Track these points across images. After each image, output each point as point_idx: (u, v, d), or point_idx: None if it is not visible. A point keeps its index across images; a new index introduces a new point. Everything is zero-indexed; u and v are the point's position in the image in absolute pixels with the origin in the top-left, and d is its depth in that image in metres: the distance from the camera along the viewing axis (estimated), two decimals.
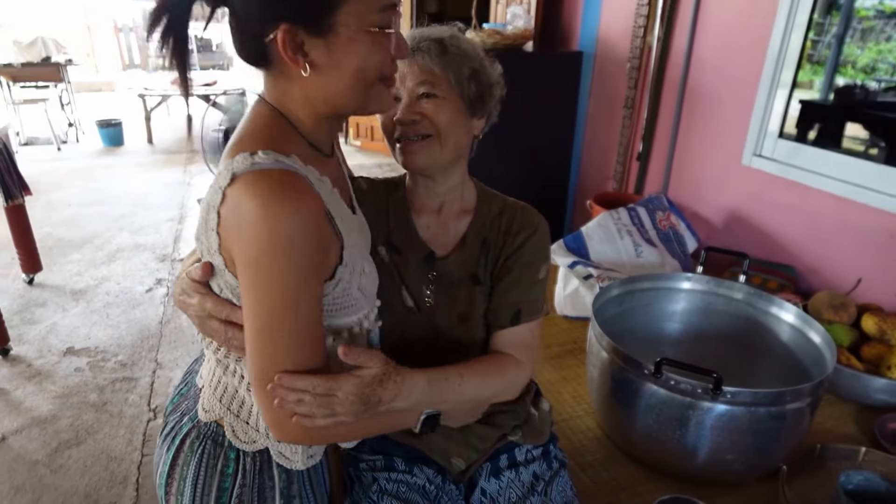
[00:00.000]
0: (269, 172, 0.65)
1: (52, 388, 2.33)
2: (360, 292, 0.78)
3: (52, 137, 6.02)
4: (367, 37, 0.69)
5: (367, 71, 0.70)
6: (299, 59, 0.67)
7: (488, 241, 0.97)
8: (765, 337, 1.40)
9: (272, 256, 0.64)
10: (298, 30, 0.66)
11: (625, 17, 2.54)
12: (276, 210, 0.63)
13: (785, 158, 1.92)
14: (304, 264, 0.66)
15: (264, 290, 0.66)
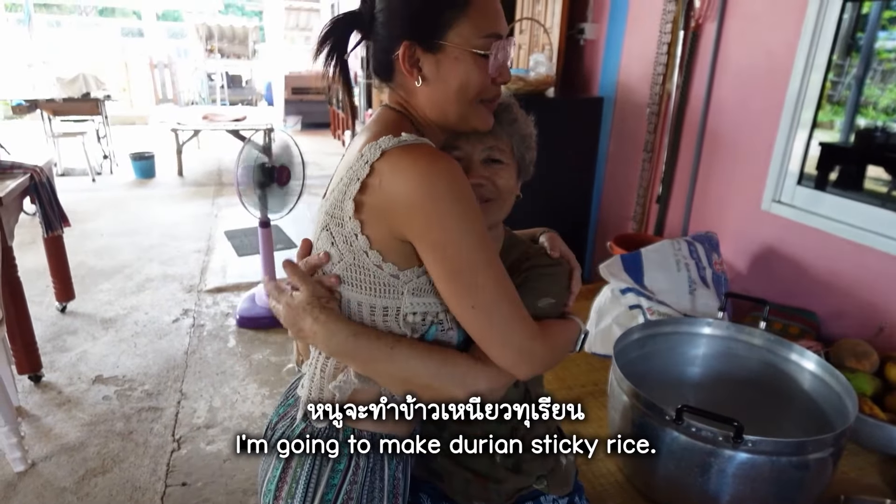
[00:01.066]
0: (419, 145, 0.75)
1: (81, 415, 2.38)
2: None
3: (88, 169, 6.24)
4: (469, 57, 0.80)
5: (468, 88, 0.81)
6: (414, 71, 0.81)
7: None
8: (786, 384, 1.40)
9: (457, 205, 0.73)
10: (416, 46, 0.80)
11: (644, 64, 2.61)
12: (443, 169, 0.73)
13: (804, 205, 1.94)
14: (475, 206, 0.75)
15: (461, 245, 0.73)
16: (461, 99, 0.82)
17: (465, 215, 0.73)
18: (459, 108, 0.83)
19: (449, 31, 0.79)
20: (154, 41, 12.23)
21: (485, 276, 0.75)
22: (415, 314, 0.80)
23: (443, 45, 0.80)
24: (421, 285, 0.80)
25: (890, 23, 1.88)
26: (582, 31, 2.99)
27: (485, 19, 0.80)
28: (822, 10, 1.83)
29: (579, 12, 3.01)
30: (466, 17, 0.79)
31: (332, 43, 0.85)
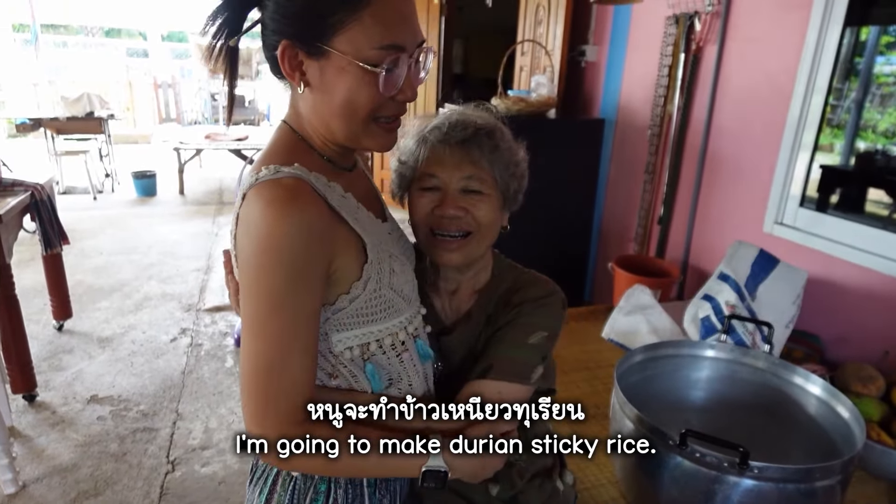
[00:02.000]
0: (271, 182, 0.69)
1: (75, 436, 2.35)
2: (393, 292, 0.79)
3: (90, 187, 6.26)
4: (356, 70, 0.69)
5: (354, 105, 0.71)
6: (296, 76, 0.72)
7: (493, 317, 0.93)
8: (791, 408, 1.38)
9: (262, 257, 0.67)
10: (297, 47, 0.70)
11: (645, 86, 2.62)
12: (272, 213, 0.67)
13: (807, 227, 1.94)
14: (294, 268, 0.67)
15: (253, 290, 0.69)
16: (348, 115, 0.72)
17: (266, 269, 0.67)
18: (347, 124, 0.73)
19: (336, 35, 0.68)
20: (158, 61, 12.36)
21: (252, 335, 0.69)
22: (351, 349, 0.78)
23: (327, 50, 0.69)
24: (341, 320, 0.76)
25: (888, 48, 1.89)
26: (583, 53, 3.01)
27: (383, 27, 0.68)
28: (822, 34, 1.84)
29: (580, 34, 3.04)
30: (359, 23, 0.68)
31: (224, 17, 0.73)
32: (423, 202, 0.89)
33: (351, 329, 0.77)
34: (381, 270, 0.77)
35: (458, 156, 0.86)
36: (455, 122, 0.87)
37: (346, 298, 0.75)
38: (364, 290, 0.76)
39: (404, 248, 0.89)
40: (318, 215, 0.69)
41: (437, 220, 0.88)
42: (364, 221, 0.78)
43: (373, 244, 0.77)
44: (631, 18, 2.72)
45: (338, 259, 0.73)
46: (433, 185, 0.88)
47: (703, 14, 2.26)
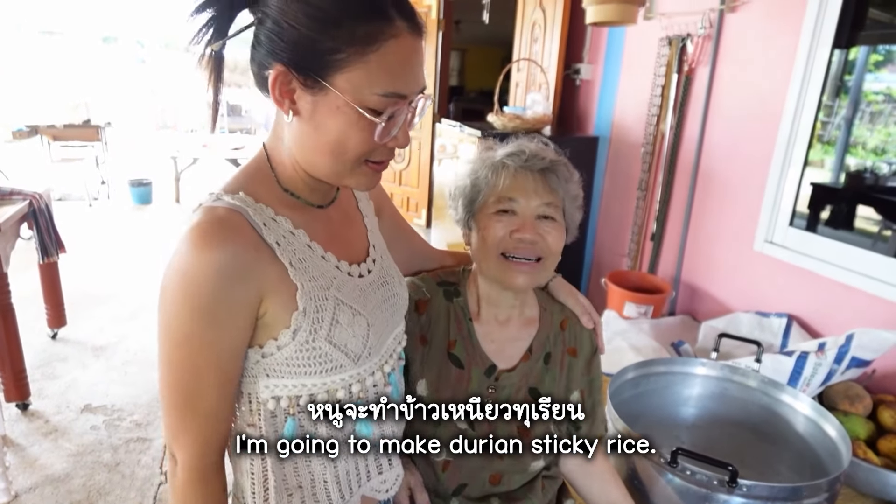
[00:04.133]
0: (204, 209, 0.67)
1: (68, 445, 2.34)
2: (332, 346, 0.72)
3: (85, 194, 6.26)
4: (352, 113, 0.65)
5: (343, 147, 0.67)
6: (285, 103, 0.67)
7: (553, 357, 0.99)
8: (780, 426, 1.40)
9: (173, 287, 0.65)
10: (292, 75, 0.65)
11: (639, 105, 2.67)
12: (191, 244, 0.64)
13: (796, 247, 1.97)
14: (202, 305, 0.64)
15: (162, 318, 0.67)
16: (335, 155, 0.68)
17: (175, 301, 0.65)
18: (332, 163, 0.69)
19: (338, 72, 0.63)
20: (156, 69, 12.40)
21: (161, 361, 0.68)
22: (277, 399, 0.73)
23: (324, 86, 0.64)
24: (271, 365, 0.72)
25: (876, 66, 1.94)
26: (578, 72, 3.06)
27: (388, 74, 0.64)
28: (811, 56, 1.89)
29: (576, 53, 3.09)
30: (365, 65, 0.63)
31: (213, 13, 0.67)
32: (499, 225, 0.90)
33: (280, 377, 0.72)
34: (317, 320, 0.71)
35: (538, 183, 0.90)
36: (533, 151, 0.91)
37: (275, 344, 0.71)
38: (293, 339, 0.70)
39: (376, 299, 0.81)
40: (241, 252, 0.66)
41: (514, 243, 0.90)
42: (310, 263, 0.73)
43: (308, 290, 0.71)
44: (625, 39, 2.77)
45: (267, 301, 0.69)
46: (511, 208, 0.90)
47: (696, 36, 2.31)
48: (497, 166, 0.92)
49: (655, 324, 2.23)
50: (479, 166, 0.95)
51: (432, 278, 1.03)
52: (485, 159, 0.95)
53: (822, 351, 1.54)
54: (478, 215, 0.94)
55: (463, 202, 0.96)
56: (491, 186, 0.92)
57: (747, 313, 2.06)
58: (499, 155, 0.94)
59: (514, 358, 0.98)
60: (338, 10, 0.63)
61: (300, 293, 0.70)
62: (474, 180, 0.95)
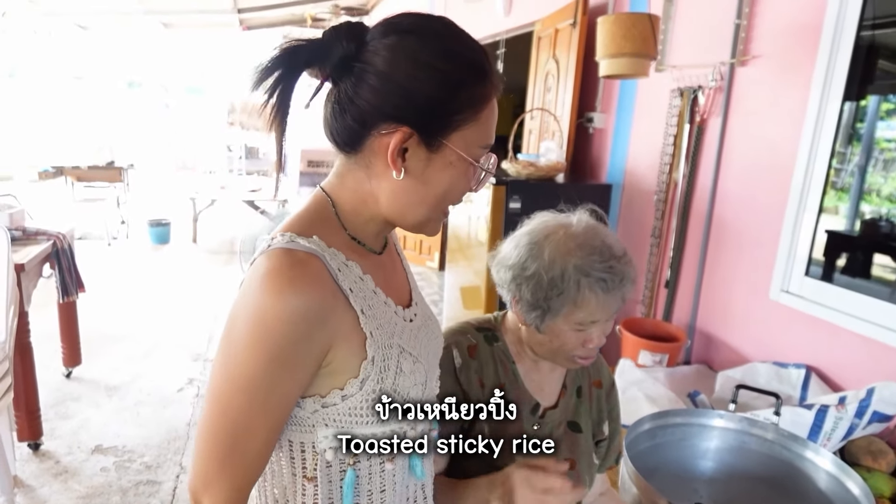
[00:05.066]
0: (280, 251, 0.66)
1: (78, 487, 2.33)
2: (396, 395, 0.73)
3: (105, 234, 6.38)
4: (463, 166, 0.71)
5: (448, 195, 0.73)
6: (398, 162, 0.68)
7: (583, 391, 1.06)
8: (800, 482, 1.37)
9: (247, 331, 0.64)
10: (414, 135, 0.68)
11: (651, 153, 2.71)
12: (271, 287, 0.63)
13: (812, 297, 1.96)
14: (278, 352, 0.64)
15: (230, 360, 0.66)
16: (437, 205, 0.73)
17: (248, 346, 0.64)
18: (429, 213, 0.73)
19: (455, 132, 0.69)
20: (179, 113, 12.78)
21: (216, 403, 0.67)
22: (336, 450, 0.71)
23: (444, 145, 0.69)
24: (332, 416, 0.71)
25: (888, 114, 1.96)
26: (591, 120, 3.12)
27: (486, 129, 0.72)
28: (822, 108, 1.92)
29: (588, 102, 3.16)
30: (476, 123, 0.70)
31: (279, 76, 0.68)
32: (575, 339, 0.95)
33: (341, 427, 0.71)
34: (384, 369, 0.71)
35: (617, 301, 0.95)
36: (621, 273, 0.93)
37: (339, 394, 0.70)
38: (360, 389, 0.70)
39: (424, 343, 0.81)
40: (320, 299, 0.66)
41: (585, 351, 0.96)
42: (377, 310, 0.73)
43: (377, 339, 0.71)
44: (637, 89, 2.83)
45: (336, 349, 0.69)
46: (590, 328, 0.95)
47: (707, 88, 2.36)
48: (584, 286, 0.92)
49: (671, 373, 2.20)
50: (557, 267, 0.93)
51: (470, 325, 1.07)
52: (565, 266, 0.93)
53: (843, 405, 1.52)
54: (550, 324, 0.96)
55: (545, 310, 0.95)
56: (576, 305, 0.93)
57: (764, 363, 2.03)
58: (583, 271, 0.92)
59: (553, 394, 1.04)
60: (462, 74, 0.68)
61: (370, 341, 0.70)
62: (552, 280, 0.93)
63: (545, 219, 1.00)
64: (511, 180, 2.71)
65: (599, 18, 2.27)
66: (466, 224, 3.13)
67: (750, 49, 2.17)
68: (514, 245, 0.99)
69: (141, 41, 9.29)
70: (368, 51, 0.67)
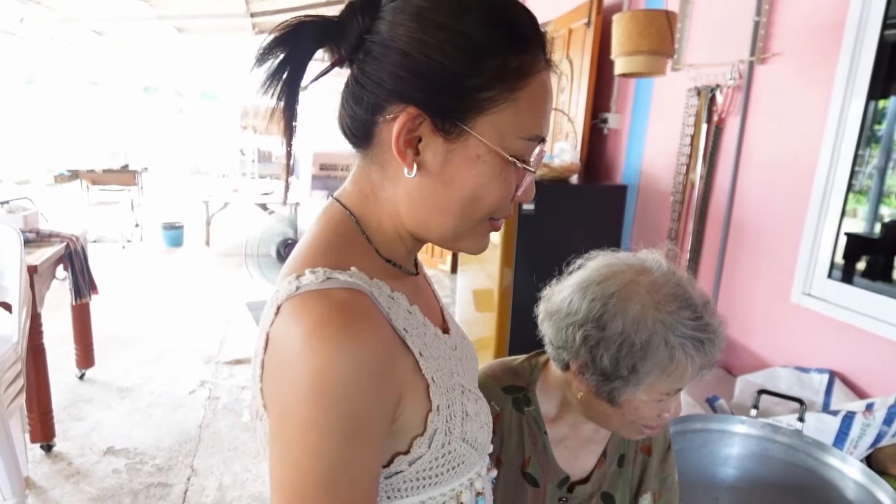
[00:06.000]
0: (317, 293, 0.51)
1: (89, 489, 2.33)
2: (466, 444, 0.59)
3: (119, 237, 6.43)
4: (495, 161, 0.54)
5: (479, 202, 0.55)
6: (408, 154, 0.54)
7: (626, 458, 0.92)
8: (825, 491, 1.32)
9: (307, 407, 0.48)
10: (424, 119, 0.53)
11: (667, 154, 2.67)
12: (322, 341, 0.48)
13: (835, 300, 1.91)
14: (353, 423, 0.49)
15: (295, 450, 0.49)
16: (464, 213, 0.56)
17: (314, 426, 0.48)
18: (457, 223, 0.57)
19: (481, 114, 0.53)
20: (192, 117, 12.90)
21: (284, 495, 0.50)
22: None
23: (465, 131, 0.53)
24: (396, 485, 0.56)
25: None
26: (605, 121, 3.09)
27: (535, 112, 0.55)
28: (845, 108, 1.87)
29: (603, 102, 3.13)
30: (514, 104, 0.53)
31: (285, 56, 0.54)
32: (655, 410, 0.79)
33: (406, 496, 0.57)
34: (451, 417, 0.58)
35: (712, 365, 0.79)
36: (715, 331, 0.77)
37: (406, 460, 0.56)
38: (429, 447, 0.56)
39: (471, 372, 0.69)
40: (381, 345, 0.51)
41: (659, 421, 0.81)
42: (432, 348, 0.59)
43: (439, 383, 0.57)
44: (653, 89, 2.79)
45: (403, 403, 0.54)
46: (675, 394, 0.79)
47: (725, 87, 2.32)
48: (678, 349, 0.74)
49: None
50: (648, 327, 0.75)
51: (495, 383, 0.88)
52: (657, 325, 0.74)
53: (871, 411, 1.47)
54: (630, 392, 0.78)
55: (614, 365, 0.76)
56: (665, 372, 0.75)
57: (786, 368, 1.98)
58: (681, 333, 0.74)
59: (588, 464, 0.90)
60: (489, 38, 0.52)
61: (433, 388, 0.56)
62: (644, 344, 0.74)
63: (609, 261, 0.81)
64: None
65: (615, 16, 2.24)
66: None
67: (770, 47, 2.12)
68: (577, 294, 0.79)
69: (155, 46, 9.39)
70: (377, 19, 0.54)
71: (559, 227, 2.59)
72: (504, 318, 2.81)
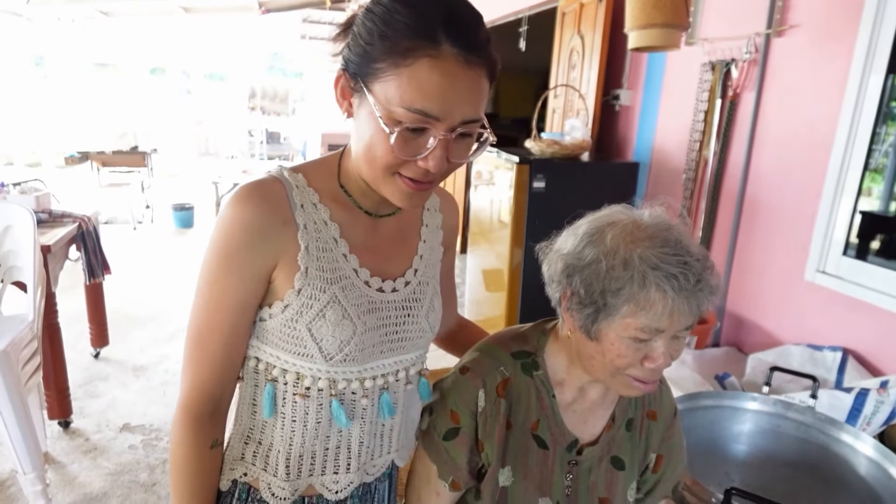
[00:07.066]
0: (262, 176, 0.77)
1: (106, 464, 2.37)
2: (309, 335, 0.76)
3: (130, 218, 6.46)
4: (375, 122, 0.67)
5: (372, 153, 0.69)
6: (344, 104, 0.73)
7: (634, 423, 0.93)
8: (838, 468, 1.32)
9: (211, 237, 0.75)
10: (345, 76, 0.71)
11: (680, 131, 2.63)
12: (231, 200, 0.73)
13: (851, 277, 1.89)
14: (227, 250, 0.73)
15: (203, 263, 0.76)
16: (368, 160, 0.71)
17: (210, 247, 0.75)
18: (368, 169, 0.72)
19: (375, 80, 0.66)
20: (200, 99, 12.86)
21: (193, 304, 0.77)
22: (257, 360, 0.81)
23: (363, 92, 0.68)
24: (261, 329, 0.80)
25: None
26: (617, 98, 3.04)
27: (417, 91, 0.64)
28: (864, 82, 1.83)
29: (615, 79, 3.08)
30: (397, 78, 0.65)
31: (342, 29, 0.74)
32: (633, 353, 0.78)
33: (264, 343, 0.80)
34: (304, 305, 0.76)
35: (689, 309, 0.75)
36: (699, 275, 0.74)
37: (268, 312, 0.78)
38: (282, 313, 0.76)
39: (385, 316, 0.81)
40: (267, 216, 0.73)
41: (643, 371, 0.79)
42: (327, 255, 0.77)
43: (310, 276, 0.76)
44: (666, 64, 2.74)
45: (278, 270, 0.76)
46: (652, 337, 0.77)
47: (740, 61, 2.27)
48: (651, 281, 0.74)
49: (699, 355, 2.15)
50: (620, 254, 0.76)
51: (503, 349, 0.91)
52: (630, 255, 0.75)
53: (885, 388, 1.46)
54: (605, 328, 0.78)
55: (587, 290, 0.78)
56: (638, 305, 0.74)
57: (798, 346, 1.97)
58: (651, 263, 0.74)
59: (597, 428, 0.91)
60: (388, 24, 0.66)
61: (299, 275, 0.75)
62: (611, 268, 0.76)
63: (613, 210, 0.84)
64: (535, 159, 2.65)
65: None
66: (488, 206, 3.09)
67: (787, 19, 2.08)
68: (570, 234, 0.84)
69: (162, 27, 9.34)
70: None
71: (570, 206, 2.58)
72: (514, 297, 2.81)
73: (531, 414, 0.88)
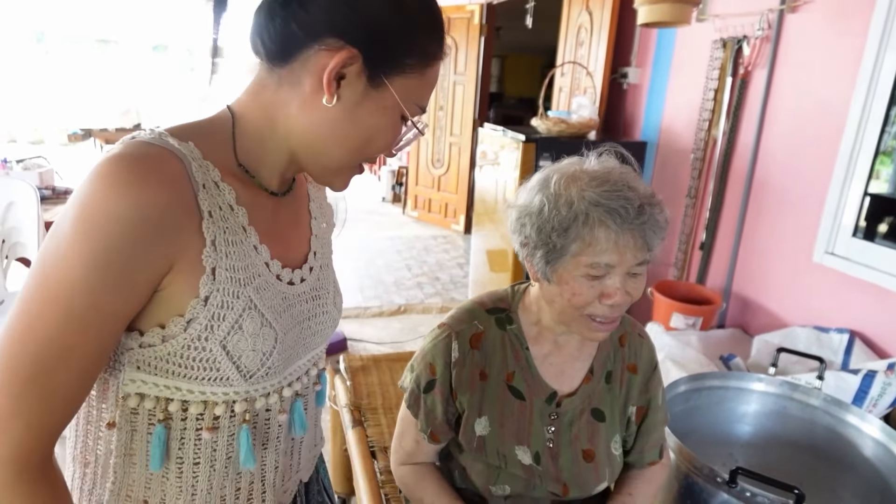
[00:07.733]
0: (140, 142, 0.55)
1: None
2: (225, 354, 0.59)
3: None
4: (395, 115, 0.63)
5: (370, 144, 0.64)
6: (332, 87, 0.59)
7: (613, 376, 0.95)
8: (845, 449, 1.32)
9: (68, 229, 0.51)
10: (358, 62, 0.59)
11: (689, 110, 2.59)
12: (108, 177, 0.51)
13: (860, 258, 1.87)
14: (104, 250, 0.51)
15: (41, 265, 0.52)
16: (357, 151, 0.64)
17: (72, 247, 0.51)
18: (346, 157, 0.64)
19: (400, 76, 0.61)
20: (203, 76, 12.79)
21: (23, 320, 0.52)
22: (143, 398, 0.60)
23: (384, 85, 0.61)
24: (146, 357, 0.58)
25: None
26: (625, 76, 3.00)
27: (427, 88, 0.66)
28: (879, 61, 1.79)
29: (623, 56, 3.03)
30: (421, 78, 0.63)
31: None
32: (589, 291, 0.81)
33: (152, 373, 0.59)
34: (218, 318, 0.58)
35: (635, 243, 0.79)
36: (637, 205, 0.78)
37: (160, 334, 0.57)
38: (184, 331, 0.57)
39: (298, 313, 0.70)
40: (167, 203, 0.53)
41: (603, 309, 0.81)
42: (237, 249, 0.60)
43: (219, 280, 0.58)
44: (675, 41, 2.69)
45: (174, 274, 0.56)
46: (604, 273, 0.80)
47: (752, 38, 2.22)
48: (593, 221, 0.78)
49: (704, 336, 2.14)
50: (563, 196, 0.80)
51: (481, 308, 0.95)
52: (572, 196, 0.79)
53: (892, 370, 1.45)
54: (560, 270, 0.81)
55: (538, 234, 0.82)
56: (585, 242, 0.78)
57: (804, 328, 1.96)
58: (593, 201, 0.78)
59: (574, 380, 0.93)
60: (426, 21, 0.63)
61: (205, 279, 0.57)
62: (556, 209, 0.80)
63: (563, 161, 0.88)
64: (541, 138, 2.62)
65: None
66: (493, 187, 3.06)
67: None
68: (523, 188, 0.88)
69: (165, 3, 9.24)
70: None
71: None
72: (519, 278, 2.80)
73: (507, 366, 0.92)
